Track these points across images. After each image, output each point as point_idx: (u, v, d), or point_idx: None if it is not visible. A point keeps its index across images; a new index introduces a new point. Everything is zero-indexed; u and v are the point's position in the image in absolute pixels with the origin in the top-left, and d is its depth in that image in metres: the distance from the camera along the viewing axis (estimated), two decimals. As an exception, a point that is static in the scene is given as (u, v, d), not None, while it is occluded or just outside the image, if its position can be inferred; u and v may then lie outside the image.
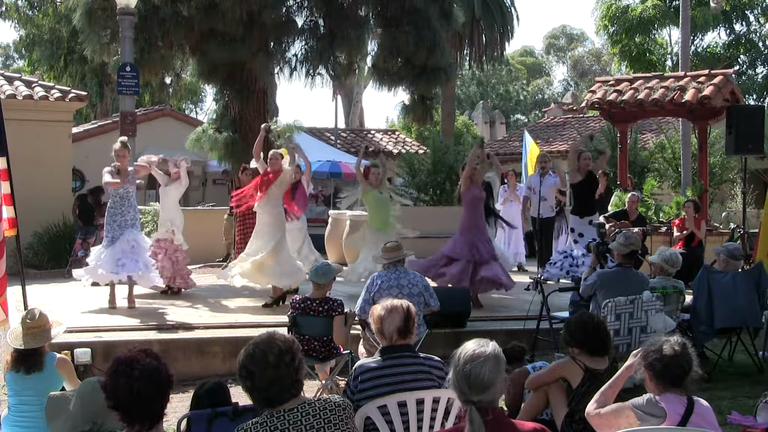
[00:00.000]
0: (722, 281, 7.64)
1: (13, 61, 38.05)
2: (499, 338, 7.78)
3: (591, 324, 4.79)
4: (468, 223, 9.87)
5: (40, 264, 13.86)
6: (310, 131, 22.76)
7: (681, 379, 3.87)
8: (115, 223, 9.19)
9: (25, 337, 5.12)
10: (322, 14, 13.21)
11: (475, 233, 9.79)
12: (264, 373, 3.08)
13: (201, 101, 40.71)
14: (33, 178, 13.09)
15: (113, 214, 9.22)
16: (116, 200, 9.24)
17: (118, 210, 9.21)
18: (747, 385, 7.17)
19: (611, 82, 14.55)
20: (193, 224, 11.91)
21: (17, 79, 15.76)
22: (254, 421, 3.13)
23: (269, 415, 3.12)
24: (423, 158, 21.33)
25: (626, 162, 14.69)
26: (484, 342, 3.28)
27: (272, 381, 3.08)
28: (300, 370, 3.16)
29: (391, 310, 4.31)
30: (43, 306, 6.31)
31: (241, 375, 3.13)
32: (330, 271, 6.70)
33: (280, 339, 3.17)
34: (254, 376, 3.09)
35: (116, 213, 9.21)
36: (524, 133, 15.76)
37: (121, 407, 3.03)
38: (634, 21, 25.82)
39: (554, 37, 58.33)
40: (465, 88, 49.50)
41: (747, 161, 12.53)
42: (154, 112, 22.89)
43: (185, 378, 7.08)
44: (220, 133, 13.23)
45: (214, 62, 12.40)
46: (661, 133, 19.94)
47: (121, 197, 9.22)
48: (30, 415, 5.06)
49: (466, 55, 28.21)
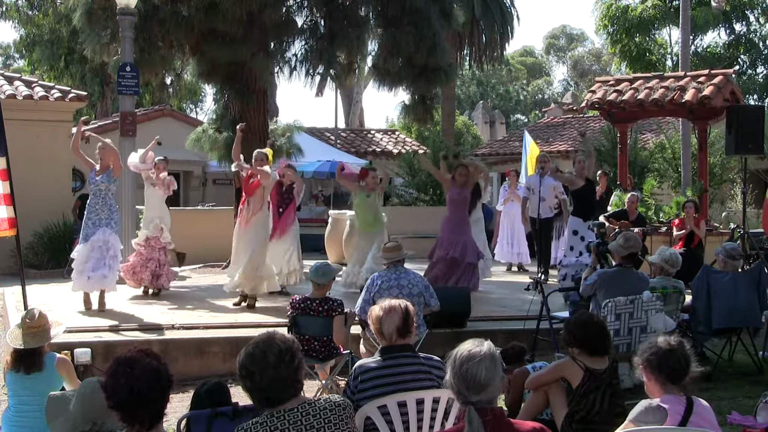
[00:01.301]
0: (722, 281, 7.64)
1: (13, 61, 38.04)
2: (499, 338, 7.86)
3: (591, 324, 4.79)
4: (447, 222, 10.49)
5: (40, 264, 13.87)
6: (310, 131, 22.75)
7: (678, 374, 3.85)
8: (90, 221, 9.13)
9: (25, 337, 5.12)
10: (322, 14, 13.20)
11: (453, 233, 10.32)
12: (264, 372, 3.08)
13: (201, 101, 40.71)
14: (33, 178, 13.11)
15: (89, 211, 9.17)
16: (91, 197, 9.18)
17: (93, 208, 9.13)
18: (747, 385, 7.17)
19: (611, 82, 14.54)
20: (193, 224, 11.93)
21: (17, 79, 15.78)
22: (254, 421, 3.13)
23: (269, 415, 3.12)
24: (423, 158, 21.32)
25: (626, 162, 14.69)
26: (479, 342, 3.28)
27: (272, 381, 3.09)
28: (300, 370, 3.16)
29: (389, 311, 4.31)
30: (43, 306, 6.32)
31: (241, 375, 3.14)
32: (330, 271, 6.69)
33: (280, 339, 3.17)
34: (254, 376, 3.09)
35: (91, 210, 9.15)
36: (524, 133, 15.76)
37: (121, 407, 3.03)
38: (634, 21, 25.82)
39: (554, 37, 58.33)
40: (465, 88, 49.51)
41: (747, 161, 12.53)
42: (154, 112, 22.86)
43: (185, 378, 7.07)
44: (220, 133, 13.22)
45: (214, 62, 12.39)
46: (661, 133, 19.93)
47: (94, 195, 9.14)
48: (30, 415, 5.06)
49: (466, 55, 28.20)
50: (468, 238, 10.35)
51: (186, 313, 9.25)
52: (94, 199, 9.14)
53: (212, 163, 17.24)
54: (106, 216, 9.15)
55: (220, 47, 11.88)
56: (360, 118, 33.93)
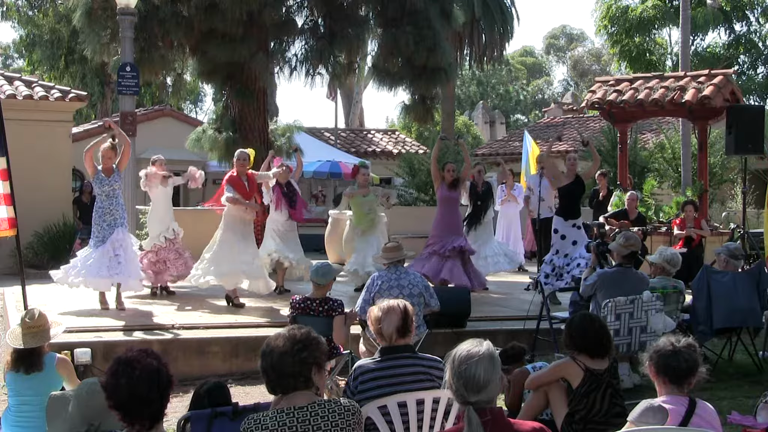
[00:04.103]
0: (722, 281, 7.64)
1: (13, 61, 38.06)
2: (499, 338, 7.86)
3: (591, 325, 4.78)
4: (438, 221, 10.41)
5: (40, 264, 13.84)
6: (309, 131, 22.75)
7: (680, 376, 3.85)
8: (105, 222, 9.11)
9: (25, 337, 5.12)
10: (322, 14, 13.19)
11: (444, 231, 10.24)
12: (271, 357, 3.25)
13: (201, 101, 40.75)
14: (33, 178, 13.09)
15: (102, 213, 9.13)
16: (103, 199, 9.14)
17: (107, 209, 9.12)
18: (747, 385, 7.17)
19: (611, 82, 14.54)
20: (192, 224, 11.91)
21: (17, 79, 15.77)
22: (264, 414, 3.22)
23: (279, 411, 3.20)
24: (423, 158, 21.34)
25: (626, 162, 14.68)
26: (477, 342, 3.29)
27: (274, 366, 3.23)
28: (308, 364, 3.24)
29: (388, 311, 4.31)
30: (43, 306, 6.32)
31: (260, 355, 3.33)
32: (330, 271, 6.68)
33: (302, 332, 3.32)
34: (263, 358, 3.28)
35: (104, 212, 9.12)
36: (524, 133, 15.75)
37: (122, 407, 3.03)
38: (634, 21, 25.82)
39: (554, 37, 58.36)
40: (465, 88, 49.52)
41: (747, 161, 12.53)
42: (154, 112, 22.87)
43: (185, 378, 7.07)
44: (220, 133, 13.21)
45: (214, 62, 12.38)
46: (661, 133, 19.93)
47: (107, 196, 9.12)
48: (30, 415, 5.06)
49: (466, 55, 28.20)
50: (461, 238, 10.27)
51: (186, 313, 9.25)
52: (106, 200, 9.10)
53: (212, 163, 17.21)
54: (120, 215, 9.20)
55: (220, 47, 11.87)
56: (360, 118, 33.93)
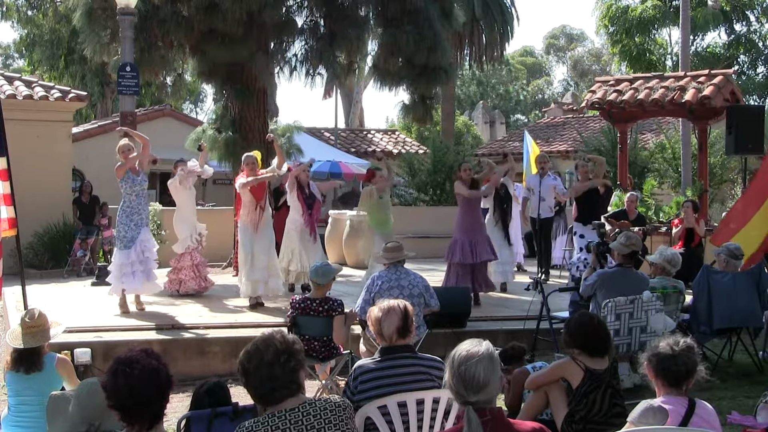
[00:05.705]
0: (722, 281, 7.64)
1: (13, 61, 38.08)
2: (499, 338, 7.86)
3: (591, 325, 4.78)
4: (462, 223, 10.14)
5: (40, 264, 13.86)
6: (309, 131, 22.73)
7: (677, 379, 3.85)
8: (132, 222, 9.01)
9: (25, 337, 5.12)
10: (322, 14, 13.19)
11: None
12: (258, 371, 3.11)
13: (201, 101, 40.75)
14: (33, 178, 13.09)
15: (130, 213, 9.02)
16: (132, 198, 9.02)
17: (135, 209, 9.04)
18: (747, 385, 7.17)
19: (611, 82, 14.53)
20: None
21: (17, 79, 15.77)
22: (255, 420, 3.14)
23: (270, 415, 3.13)
24: (423, 158, 21.34)
25: (626, 162, 14.67)
26: (477, 342, 3.29)
27: (265, 380, 3.11)
28: (297, 371, 3.16)
29: (388, 311, 4.31)
30: (43, 306, 6.31)
31: (239, 372, 3.18)
32: (330, 271, 6.69)
33: (280, 339, 3.18)
34: (249, 374, 3.13)
35: (133, 212, 9.03)
36: (525, 133, 15.75)
37: (122, 407, 3.03)
38: (634, 21, 25.79)
39: (554, 37, 58.32)
40: (465, 88, 49.50)
41: (747, 161, 12.53)
42: (154, 112, 22.87)
43: (185, 378, 7.08)
44: (220, 133, 13.21)
45: (214, 62, 12.37)
46: (661, 133, 19.93)
47: (137, 195, 9.04)
48: (30, 415, 5.06)
49: (466, 55, 28.21)
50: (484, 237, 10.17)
51: (186, 313, 9.25)
52: (136, 200, 9.03)
53: (212, 163, 17.22)
54: (146, 215, 9.22)
55: (220, 47, 11.87)
56: (360, 118, 33.92)
